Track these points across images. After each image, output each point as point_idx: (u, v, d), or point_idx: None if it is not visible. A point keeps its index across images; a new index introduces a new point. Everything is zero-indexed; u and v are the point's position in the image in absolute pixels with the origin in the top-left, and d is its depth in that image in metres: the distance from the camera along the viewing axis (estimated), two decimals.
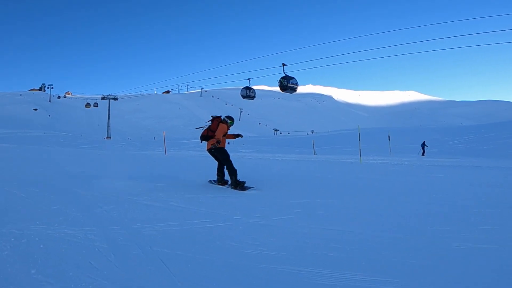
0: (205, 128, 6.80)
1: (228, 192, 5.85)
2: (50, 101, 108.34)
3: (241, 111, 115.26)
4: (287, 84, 19.28)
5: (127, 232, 3.19)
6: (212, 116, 6.83)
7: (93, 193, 5.22)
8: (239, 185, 6.15)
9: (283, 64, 19.70)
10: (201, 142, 6.78)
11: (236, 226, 3.58)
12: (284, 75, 19.50)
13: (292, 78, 19.73)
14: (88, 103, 61.95)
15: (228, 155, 6.43)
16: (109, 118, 62.25)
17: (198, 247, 2.81)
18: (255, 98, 23.05)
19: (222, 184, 6.58)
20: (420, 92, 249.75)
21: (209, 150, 6.59)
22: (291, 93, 20.01)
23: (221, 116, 6.89)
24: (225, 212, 4.22)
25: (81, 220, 3.58)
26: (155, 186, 6.13)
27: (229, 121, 6.80)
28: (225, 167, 6.46)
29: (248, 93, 21.81)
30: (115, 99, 62.75)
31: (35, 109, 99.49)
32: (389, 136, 23.25)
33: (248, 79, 21.48)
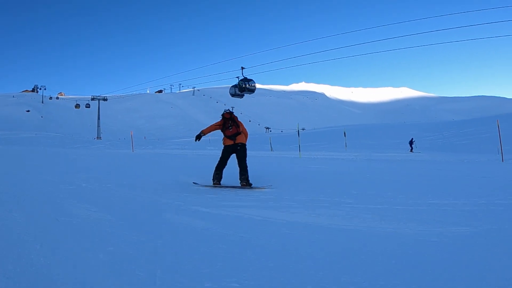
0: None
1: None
2: (42, 102, 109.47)
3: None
4: (245, 86, 20.99)
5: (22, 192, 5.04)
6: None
7: (25, 176, 7.08)
8: (248, 185, 6.01)
9: (242, 68, 21.43)
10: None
11: (82, 190, 5.43)
12: (243, 77, 21.22)
13: (251, 80, 21.40)
14: (77, 104, 63.17)
15: None
16: (99, 118, 63.54)
17: (46, 197, 4.67)
18: (244, 97, 24.21)
19: (219, 185, 6.19)
20: (413, 89, 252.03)
21: (235, 146, 6.23)
22: (250, 94, 21.71)
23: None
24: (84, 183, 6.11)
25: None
26: (75, 172, 7.99)
27: None
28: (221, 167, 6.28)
29: (237, 91, 21.92)
30: (105, 99, 64.05)
31: (28, 111, 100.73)
32: (344, 133, 25.05)
33: (237, 77, 21.66)
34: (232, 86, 22.22)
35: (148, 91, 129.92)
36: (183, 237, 2.86)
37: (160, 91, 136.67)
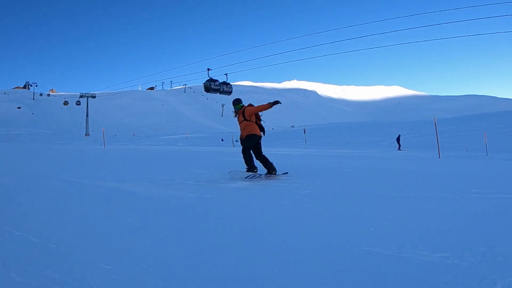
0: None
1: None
2: (33, 99, 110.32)
3: (223, 107, 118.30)
4: (211, 86, 22.66)
5: None
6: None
7: None
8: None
9: (208, 69, 23.11)
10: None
11: (13, 168, 7.17)
12: (209, 77, 22.86)
13: (216, 80, 23.10)
14: (66, 101, 64.45)
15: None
16: (87, 116, 64.99)
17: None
18: (234, 94, 25.22)
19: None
20: (405, 87, 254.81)
21: (260, 137, 6.35)
22: (215, 93, 23.41)
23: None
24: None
25: None
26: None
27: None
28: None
29: (225, 88, 22.74)
30: (93, 97, 65.36)
31: (19, 108, 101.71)
32: (304, 130, 26.82)
33: (226, 74, 22.69)
34: (219, 83, 22.59)
35: (139, 88, 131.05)
36: (39, 190, 4.71)
37: (152, 88, 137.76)
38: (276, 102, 6.03)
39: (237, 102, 6.51)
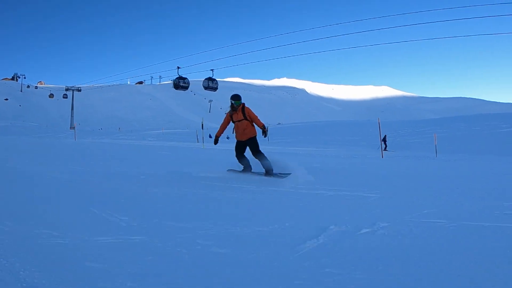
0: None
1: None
2: (21, 91, 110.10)
3: (210, 103, 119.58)
4: (179, 84, 24.21)
5: None
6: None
7: None
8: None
9: (178, 67, 24.65)
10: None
11: None
12: (178, 76, 24.36)
13: (185, 78, 24.58)
14: (51, 94, 65.12)
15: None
16: (72, 109, 65.79)
17: None
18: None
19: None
20: (394, 88, 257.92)
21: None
22: (184, 90, 25.00)
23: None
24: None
25: None
26: None
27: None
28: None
29: (211, 84, 23.37)
30: (79, 90, 66.21)
31: (6, 99, 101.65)
32: (267, 128, 28.34)
33: (212, 69, 23.07)
34: (205, 79, 23.57)
35: (128, 82, 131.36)
36: None
37: (141, 82, 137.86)
38: (265, 134, 6.54)
39: (237, 98, 6.48)
